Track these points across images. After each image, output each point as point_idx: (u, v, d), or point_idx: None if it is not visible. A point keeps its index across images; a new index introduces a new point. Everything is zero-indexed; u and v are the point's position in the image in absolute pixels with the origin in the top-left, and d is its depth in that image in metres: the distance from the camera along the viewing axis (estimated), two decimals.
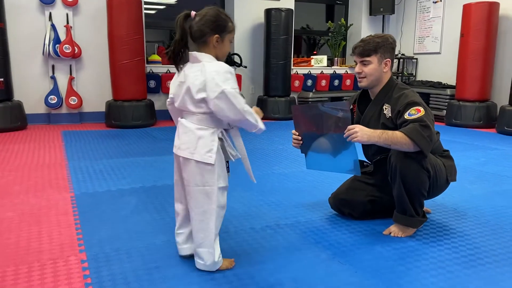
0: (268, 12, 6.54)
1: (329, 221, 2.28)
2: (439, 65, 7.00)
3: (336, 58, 7.54)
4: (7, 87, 5.22)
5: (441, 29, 6.97)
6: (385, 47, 2.11)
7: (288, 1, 7.00)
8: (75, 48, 5.67)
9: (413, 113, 1.95)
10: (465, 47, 5.95)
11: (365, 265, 1.78)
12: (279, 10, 6.50)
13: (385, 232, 2.12)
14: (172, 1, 7.33)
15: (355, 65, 2.19)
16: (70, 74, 5.81)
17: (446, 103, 6.25)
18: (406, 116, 1.96)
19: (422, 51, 7.32)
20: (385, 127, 2.06)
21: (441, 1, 6.95)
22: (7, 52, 5.25)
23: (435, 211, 2.45)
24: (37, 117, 5.77)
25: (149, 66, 6.21)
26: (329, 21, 7.70)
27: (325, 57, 7.37)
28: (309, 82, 7.14)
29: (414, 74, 7.43)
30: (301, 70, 7.15)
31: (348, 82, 7.38)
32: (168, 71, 6.29)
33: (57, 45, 5.56)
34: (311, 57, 7.51)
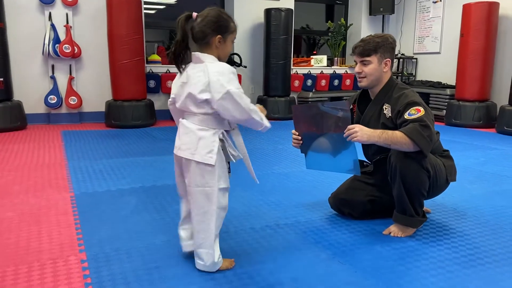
0: (268, 12, 6.54)
1: (329, 221, 2.28)
2: (439, 65, 7.01)
3: (336, 58, 7.54)
4: (7, 87, 5.22)
5: (441, 29, 6.97)
6: (385, 47, 2.11)
7: (288, 1, 7.00)
8: (75, 48, 5.67)
9: (413, 113, 1.95)
10: (465, 47, 5.95)
11: (365, 265, 1.78)
12: (279, 10, 6.50)
13: (385, 232, 2.12)
14: (172, 1, 7.33)
15: (355, 65, 2.19)
16: (70, 74, 5.81)
17: (446, 103, 6.25)
18: (406, 116, 1.96)
19: (422, 51, 7.32)
20: (385, 127, 2.06)
21: (441, 1, 6.95)
22: (7, 52, 5.25)
23: (434, 211, 2.45)
24: (36, 117, 5.77)
25: (149, 66, 6.20)
26: (329, 21, 7.70)
27: (325, 57, 7.38)
28: (309, 82, 7.14)
29: (414, 74, 7.43)
30: (301, 70, 7.15)
31: (348, 82, 7.38)
32: (168, 71, 6.29)
33: (57, 45, 5.56)
34: (311, 57, 7.51)
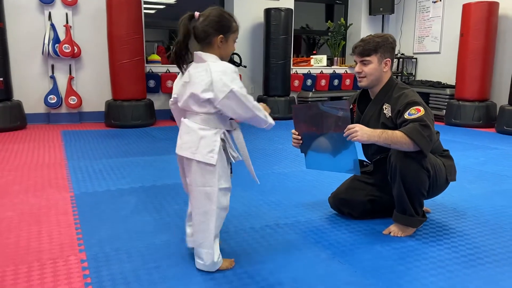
0: (268, 11, 6.54)
1: (328, 221, 2.28)
2: (438, 65, 7.01)
3: (336, 58, 7.54)
4: (7, 86, 5.21)
5: (440, 28, 6.97)
6: (385, 46, 2.11)
7: (287, 0, 7.00)
8: (75, 47, 5.66)
9: (413, 112, 1.96)
10: (464, 46, 5.95)
11: (364, 264, 1.78)
12: (278, 9, 6.50)
13: (385, 231, 2.12)
14: (172, 1, 7.33)
15: (355, 64, 2.19)
16: (70, 73, 5.81)
17: (446, 103, 6.25)
18: (406, 116, 1.97)
19: (422, 51, 7.32)
20: (385, 126, 2.06)
21: (440, 0, 6.95)
22: (7, 51, 5.24)
23: (434, 210, 2.45)
24: (36, 116, 5.77)
25: (148, 65, 6.20)
26: (329, 20, 7.70)
27: (324, 57, 7.37)
28: (309, 82, 7.14)
29: (413, 74, 7.42)
30: (301, 70, 7.15)
31: (347, 81, 7.38)
32: (168, 71, 6.29)
33: (56, 44, 5.55)
34: (311, 56, 7.51)
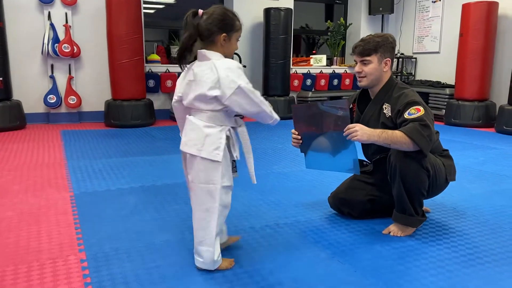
0: (267, 11, 6.54)
1: (328, 221, 2.28)
2: (438, 65, 7.01)
3: (335, 58, 7.54)
4: (6, 86, 5.21)
5: (440, 28, 6.97)
6: (385, 46, 2.11)
7: (287, 0, 7.00)
8: (74, 47, 5.66)
9: (413, 112, 1.96)
10: (464, 46, 5.95)
11: (364, 264, 1.78)
12: (278, 9, 6.50)
13: (385, 231, 2.12)
14: (171, 1, 7.33)
15: (355, 64, 2.19)
16: (69, 73, 5.80)
17: (445, 103, 6.25)
18: (406, 116, 1.97)
19: (421, 51, 7.32)
20: (385, 126, 2.06)
21: (440, 0, 6.95)
22: (6, 51, 5.24)
23: (434, 210, 2.45)
24: (36, 116, 5.77)
25: (148, 65, 6.20)
26: (328, 20, 7.70)
27: (324, 57, 7.37)
28: (308, 82, 7.14)
29: (413, 74, 7.43)
30: (300, 70, 7.15)
31: (347, 81, 7.38)
32: (167, 71, 6.28)
33: (56, 44, 5.55)
34: (310, 56, 7.51)
